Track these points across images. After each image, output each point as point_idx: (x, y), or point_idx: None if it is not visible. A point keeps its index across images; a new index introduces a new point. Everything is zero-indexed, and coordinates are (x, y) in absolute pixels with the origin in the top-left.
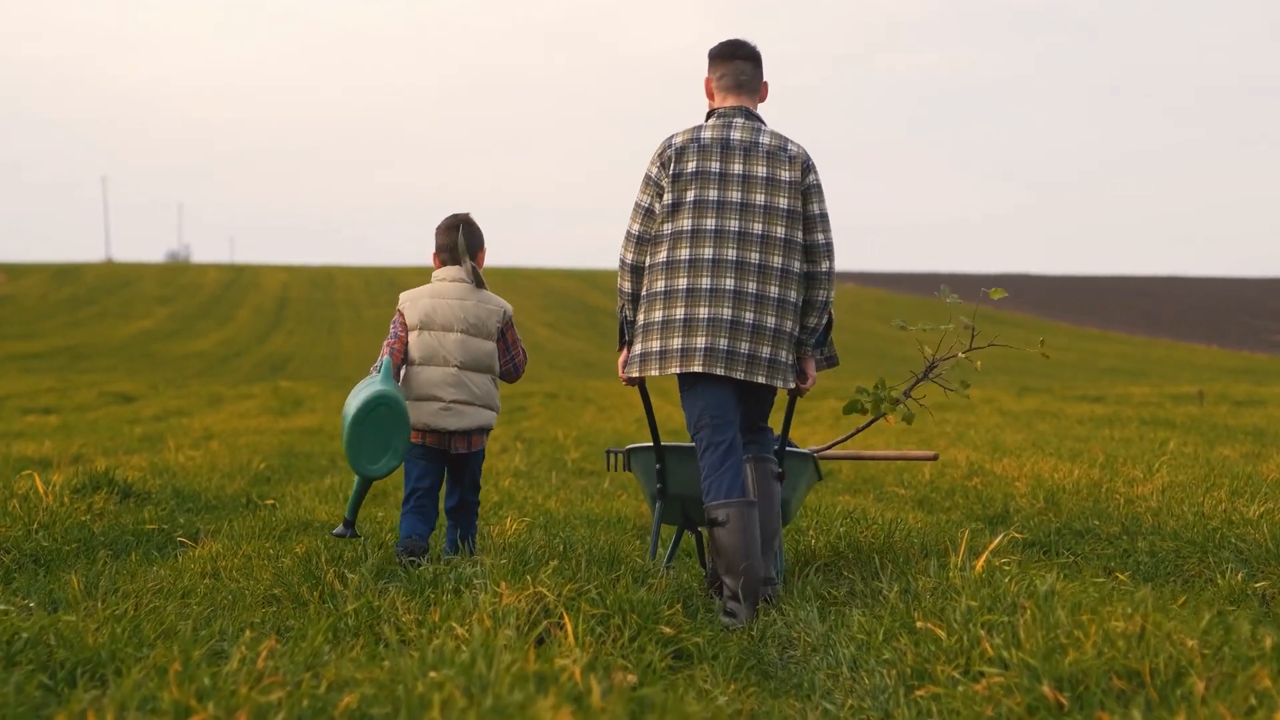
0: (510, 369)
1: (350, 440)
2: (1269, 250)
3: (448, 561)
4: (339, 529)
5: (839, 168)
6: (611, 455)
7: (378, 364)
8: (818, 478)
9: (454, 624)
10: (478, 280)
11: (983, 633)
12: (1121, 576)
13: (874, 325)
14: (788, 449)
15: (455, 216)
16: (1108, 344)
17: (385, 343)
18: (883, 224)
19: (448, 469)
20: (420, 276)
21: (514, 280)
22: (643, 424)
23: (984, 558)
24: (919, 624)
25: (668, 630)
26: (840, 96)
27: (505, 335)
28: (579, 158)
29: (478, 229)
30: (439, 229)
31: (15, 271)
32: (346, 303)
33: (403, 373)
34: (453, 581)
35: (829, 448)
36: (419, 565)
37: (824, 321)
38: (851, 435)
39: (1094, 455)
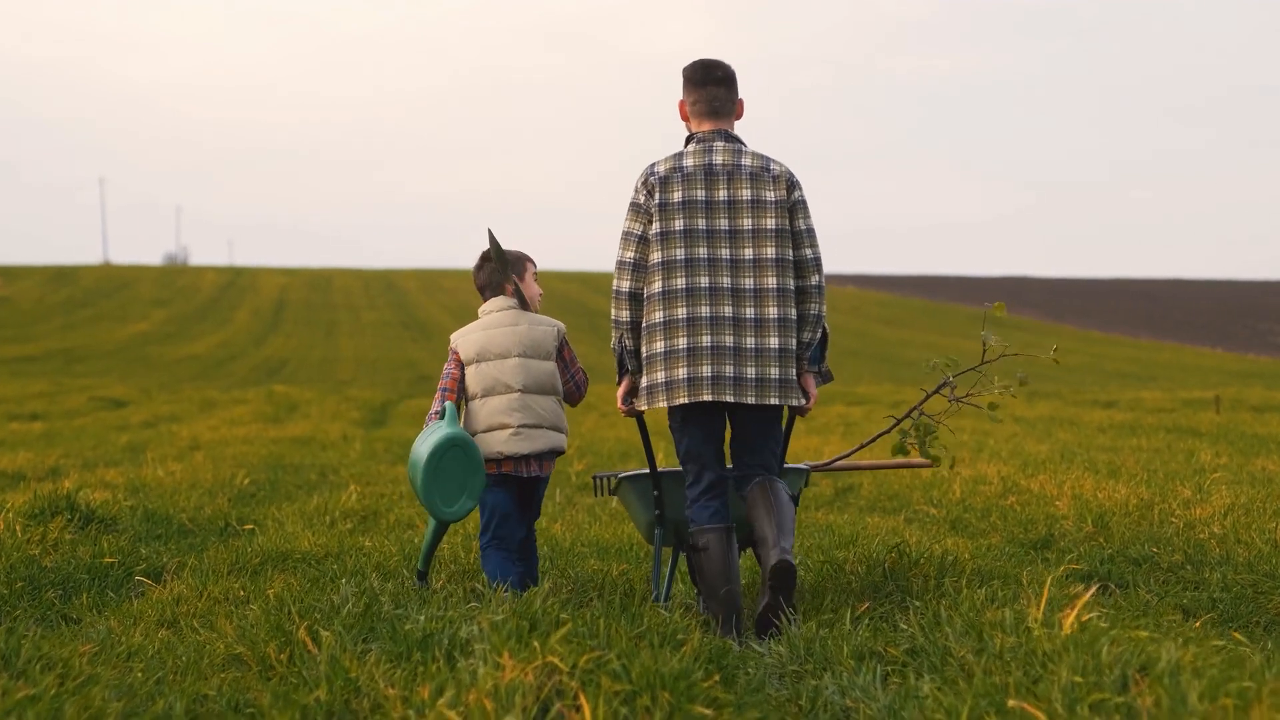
0: (572, 388)
1: (425, 485)
2: (1274, 253)
3: (440, 617)
4: (416, 581)
5: (843, 170)
6: (599, 480)
7: (436, 409)
8: (805, 484)
9: (445, 710)
10: (523, 303)
11: (1095, 719)
12: (1238, 636)
13: (877, 328)
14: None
15: (484, 252)
16: (1114, 347)
17: (439, 386)
18: (885, 226)
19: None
20: (419, 278)
21: None
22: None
23: (1075, 611)
24: (1010, 703)
25: (706, 711)
26: (844, 98)
27: (562, 354)
28: (579, 160)
29: (508, 254)
30: (474, 269)
31: (11, 274)
32: (345, 305)
33: (463, 409)
34: (445, 643)
35: (831, 463)
36: None
37: (818, 336)
38: (855, 450)
39: (1133, 470)
